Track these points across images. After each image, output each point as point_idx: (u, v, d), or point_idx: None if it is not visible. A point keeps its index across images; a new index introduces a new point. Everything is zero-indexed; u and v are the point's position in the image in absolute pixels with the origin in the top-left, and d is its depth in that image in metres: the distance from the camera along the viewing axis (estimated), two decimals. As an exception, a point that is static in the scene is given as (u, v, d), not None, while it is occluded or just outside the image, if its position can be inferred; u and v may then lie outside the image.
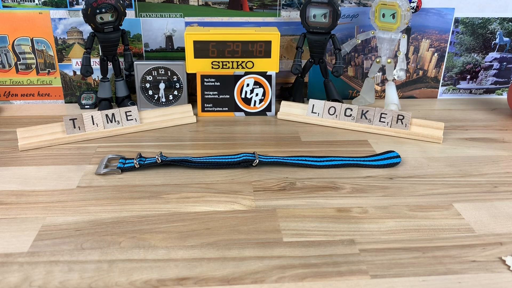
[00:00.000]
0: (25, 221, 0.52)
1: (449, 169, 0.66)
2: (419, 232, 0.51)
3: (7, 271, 0.44)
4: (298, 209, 0.55)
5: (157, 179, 0.62)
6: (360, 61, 0.94)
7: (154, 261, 0.46)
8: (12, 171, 0.64)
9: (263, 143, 0.74)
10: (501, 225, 0.53)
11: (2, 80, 0.89)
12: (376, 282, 0.44)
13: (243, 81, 0.84)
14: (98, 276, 0.44)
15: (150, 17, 0.87)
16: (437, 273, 0.45)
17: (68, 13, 0.85)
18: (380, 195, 0.59)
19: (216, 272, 0.45)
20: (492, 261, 0.47)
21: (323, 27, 0.81)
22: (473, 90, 0.99)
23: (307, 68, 0.87)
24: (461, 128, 0.82)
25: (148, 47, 0.89)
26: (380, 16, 0.81)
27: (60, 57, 0.88)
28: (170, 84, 0.86)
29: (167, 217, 0.53)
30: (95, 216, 0.53)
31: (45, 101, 0.92)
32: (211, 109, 0.86)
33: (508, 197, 0.59)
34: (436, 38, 0.92)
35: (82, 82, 0.91)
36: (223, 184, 0.61)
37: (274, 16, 0.88)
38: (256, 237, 0.50)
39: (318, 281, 0.44)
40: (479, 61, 0.95)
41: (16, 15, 0.85)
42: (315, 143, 0.74)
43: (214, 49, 0.81)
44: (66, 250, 0.47)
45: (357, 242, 0.49)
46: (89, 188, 0.60)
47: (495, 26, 0.92)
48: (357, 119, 0.79)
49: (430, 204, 0.57)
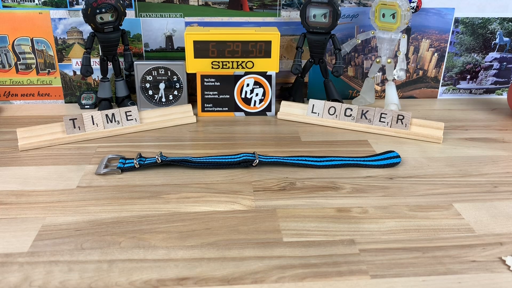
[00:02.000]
0: (25, 221, 0.52)
1: (449, 169, 0.66)
2: (419, 232, 0.51)
3: (7, 271, 0.44)
4: (298, 209, 0.55)
5: (157, 179, 0.62)
6: (360, 61, 0.94)
7: (154, 261, 0.46)
8: (12, 171, 0.64)
9: (263, 143, 0.74)
10: (501, 225, 0.53)
11: (2, 80, 0.89)
12: (376, 282, 0.44)
13: (243, 81, 0.84)
14: (98, 276, 0.44)
15: (150, 17, 0.87)
16: (437, 273, 0.45)
17: (68, 13, 0.85)
18: (380, 195, 0.59)
19: (216, 272, 0.45)
20: (492, 261, 0.47)
21: (323, 27, 0.81)
22: (473, 90, 0.99)
23: (307, 68, 0.87)
24: (461, 128, 0.82)
25: (148, 47, 0.89)
26: (380, 16, 0.81)
27: (60, 57, 0.88)
28: (170, 84, 0.86)
29: (167, 217, 0.53)
30: (95, 216, 0.53)
31: (45, 101, 0.92)
32: (211, 109, 0.86)
33: (508, 197, 0.59)
34: (436, 38, 0.92)
35: (82, 82, 0.91)
36: (223, 184, 0.61)
37: (274, 16, 0.88)
38: (256, 237, 0.50)
39: (318, 281, 0.44)
40: (479, 61, 0.95)
41: (16, 15, 0.85)
42: (315, 143, 0.74)
43: (214, 49, 0.81)
44: (66, 250, 0.47)
45: (357, 242, 0.49)
46: (89, 188, 0.60)
47: (495, 26, 0.92)
48: (357, 119, 0.79)
49: (430, 204, 0.57)
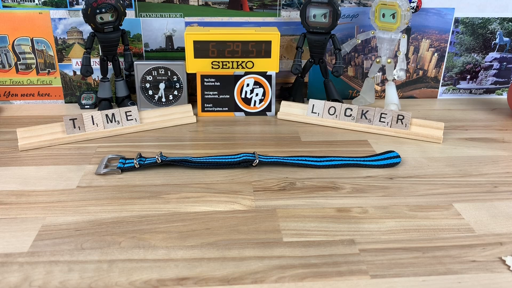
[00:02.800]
0: (25, 221, 0.52)
1: (449, 169, 0.66)
2: (419, 232, 0.51)
3: (7, 271, 0.44)
4: (298, 209, 0.55)
5: (157, 179, 0.62)
6: (360, 61, 0.94)
7: (154, 261, 0.46)
8: (12, 171, 0.64)
9: (263, 143, 0.74)
10: (501, 225, 0.53)
11: (2, 80, 0.89)
12: (376, 282, 0.44)
13: (243, 81, 0.84)
14: (98, 276, 0.44)
15: (150, 17, 0.87)
16: (437, 273, 0.45)
17: (68, 13, 0.85)
18: (380, 195, 0.59)
19: (216, 272, 0.45)
20: (492, 261, 0.47)
21: (323, 27, 0.81)
22: (473, 90, 0.99)
23: (307, 68, 0.87)
24: (461, 128, 0.82)
25: (148, 47, 0.89)
26: (380, 16, 0.81)
27: (60, 57, 0.88)
28: (170, 84, 0.86)
29: (167, 217, 0.53)
30: (95, 216, 0.53)
31: (45, 101, 0.92)
32: (211, 109, 0.86)
33: (508, 197, 0.59)
34: (436, 38, 0.92)
35: (82, 82, 0.91)
36: (223, 184, 0.61)
37: (274, 16, 0.88)
38: (256, 237, 0.50)
39: (318, 281, 0.44)
40: (479, 61, 0.95)
41: (16, 15, 0.85)
42: (315, 143, 0.74)
43: (214, 49, 0.81)
44: (66, 250, 0.47)
45: (357, 242, 0.49)
46: (89, 188, 0.60)
47: (495, 26, 0.92)
48: (357, 119, 0.79)
49: (430, 204, 0.57)
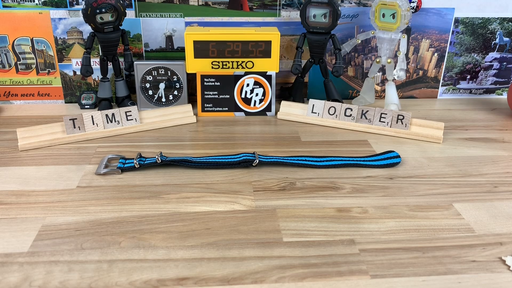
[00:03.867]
0: (25, 221, 0.52)
1: (449, 169, 0.66)
2: (419, 232, 0.51)
3: (7, 271, 0.44)
4: (298, 209, 0.55)
5: (157, 179, 0.62)
6: (360, 61, 0.94)
7: (154, 261, 0.46)
8: (12, 171, 0.64)
9: (263, 143, 0.74)
10: (501, 225, 0.53)
11: (2, 80, 0.89)
12: (376, 282, 0.44)
13: (243, 81, 0.84)
14: (98, 276, 0.44)
15: (150, 17, 0.87)
16: (437, 273, 0.45)
17: (68, 13, 0.85)
18: (380, 195, 0.59)
19: (216, 272, 0.45)
20: (492, 261, 0.47)
21: (323, 27, 0.81)
22: (473, 90, 0.99)
23: (307, 68, 0.87)
24: (461, 128, 0.82)
25: (148, 47, 0.89)
26: (380, 16, 0.81)
27: (60, 57, 0.88)
28: (170, 84, 0.86)
29: (167, 217, 0.53)
30: (95, 216, 0.53)
31: (45, 101, 0.92)
32: (211, 109, 0.86)
33: (508, 197, 0.59)
34: (436, 38, 0.92)
35: (82, 82, 0.91)
36: (223, 184, 0.61)
37: (274, 16, 0.88)
38: (256, 237, 0.50)
39: (318, 281, 0.44)
40: (479, 61, 0.95)
41: (16, 15, 0.85)
42: (315, 143, 0.74)
43: (214, 49, 0.81)
44: (66, 250, 0.47)
45: (357, 242, 0.49)
46: (89, 188, 0.60)
47: (495, 26, 0.92)
48: (357, 119, 0.79)
49: (430, 204, 0.57)
